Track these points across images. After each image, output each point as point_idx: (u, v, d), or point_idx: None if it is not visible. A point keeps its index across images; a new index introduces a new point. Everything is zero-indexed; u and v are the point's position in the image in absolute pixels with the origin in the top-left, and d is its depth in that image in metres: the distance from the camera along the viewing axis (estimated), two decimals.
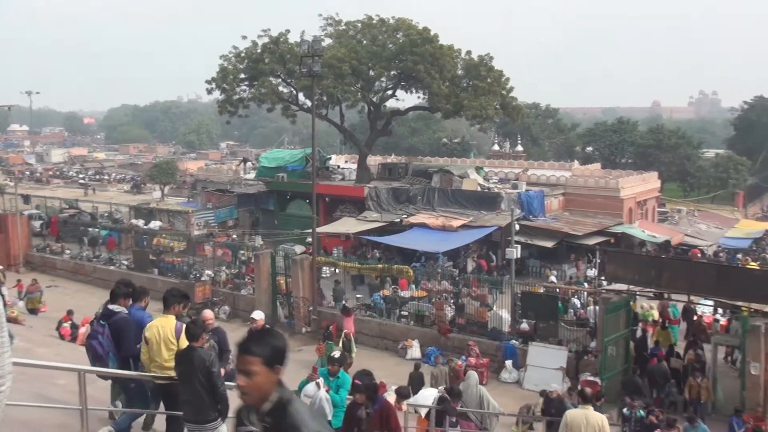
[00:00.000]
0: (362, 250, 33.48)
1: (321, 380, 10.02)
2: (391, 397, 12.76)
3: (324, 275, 28.93)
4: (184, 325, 7.52)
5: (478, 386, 13.66)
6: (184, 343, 7.36)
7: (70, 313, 21.09)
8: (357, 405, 7.38)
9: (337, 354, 10.84)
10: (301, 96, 39.08)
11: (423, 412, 12.82)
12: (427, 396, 13.08)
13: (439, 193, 34.41)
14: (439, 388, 13.97)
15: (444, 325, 22.29)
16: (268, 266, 25.35)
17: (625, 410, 15.38)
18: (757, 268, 28.61)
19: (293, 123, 45.19)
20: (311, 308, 24.30)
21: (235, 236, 36.33)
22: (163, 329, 7.69)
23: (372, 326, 23.62)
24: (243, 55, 38.18)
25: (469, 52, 37.44)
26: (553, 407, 14.78)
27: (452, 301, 23.80)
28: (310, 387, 9.95)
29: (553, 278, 29.31)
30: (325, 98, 37.72)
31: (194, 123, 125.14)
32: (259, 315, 11.61)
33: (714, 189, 61.19)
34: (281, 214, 39.84)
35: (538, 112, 76.42)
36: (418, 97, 38.98)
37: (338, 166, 43.60)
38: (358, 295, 26.39)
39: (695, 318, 21.34)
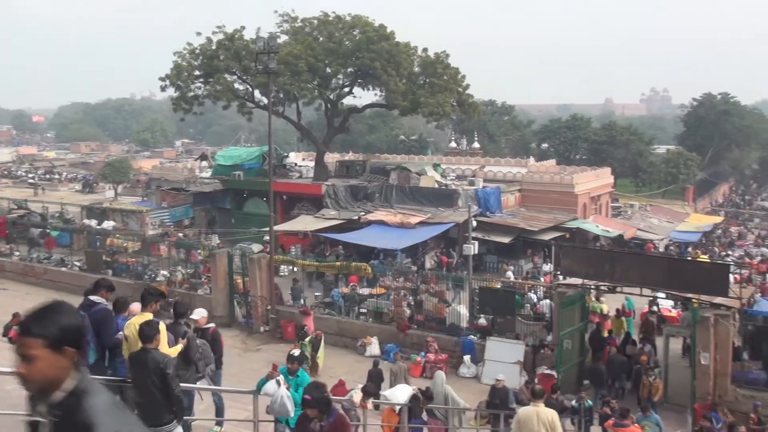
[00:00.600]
0: (320, 248, 33.34)
1: (281, 378, 9.92)
2: (357, 395, 12.84)
3: (282, 273, 28.79)
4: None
5: (444, 385, 13.91)
6: (164, 338, 7.82)
7: (16, 315, 20.47)
8: (309, 418, 7.27)
9: (296, 352, 10.73)
10: (257, 93, 38.71)
11: (396, 408, 13.00)
12: (402, 394, 13.30)
13: (397, 191, 34.46)
14: (414, 387, 14.13)
15: (403, 321, 22.29)
16: (225, 265, 25.05)
17: (573, 402, 15.60)
18: (707, 260, 29.37)
19: (249, 120, 44.77)
20: (269, 307, 24.08)
21: (181, 234, 35.72)
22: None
23: (331, 324, 23.47)
24: (197, 51, 37.59)
25: (425, 50, 37.58)
26: (497, 397, 15.10)
27: (411, 297, 23.87)
28: (270, 385, 9.84)
29: (510, 273, 29.64)
30: (281, 95, 37.43)
31: (148, 121, 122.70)
32: (199, 314, 11.05)
33: (665, 184, 62.55)
34: (238, 213, 39.43)
35: (494, 109, 77.20)
36: (375, 95, 39.05)
37: (295, 164, 43.27)
38: (316, 293, 26.27)
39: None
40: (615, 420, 13.55)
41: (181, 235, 35.49)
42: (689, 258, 31.39)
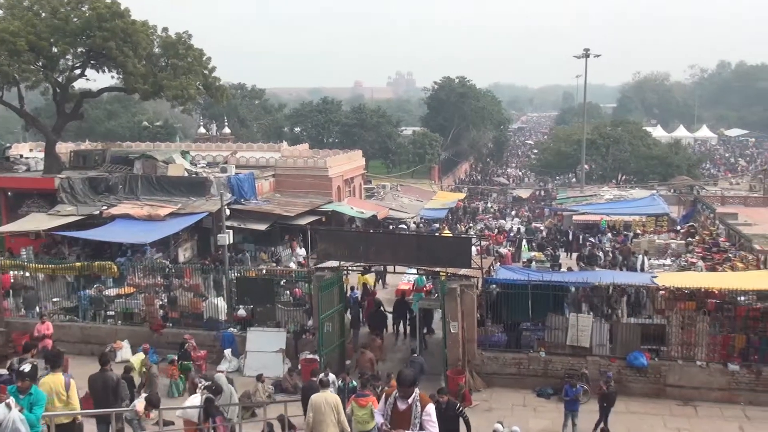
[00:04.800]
0: (57, 249, 30.11)
1: (11, 400, 8.63)
2: (140, 404, 12.52)
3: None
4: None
5: (228, 385, 14.81)
6: (74, 393, 9.91)
7: None
8: None
9: (26, 367, 9.40)
10: None
11: (189, 413, 13.79)
12: (193, 399, 14.17)
13: (143, 181, 32.25)
14: (204, 384, 14.46)
15: (156, 320, 21.29)
16: None
17: (339, 382, 15.68)
18: (451, 235, 31.43)
19: None
20: None
21: None
22: (55, 385, 9.75)
23: (73, 331, 21.73)
24: None
25: (165, 29, 35.23)
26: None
27: (164, 294, 22.71)
28: None
29: (293, 264, 29.24)
30: None
31: None
32: None
33: (413, 164, 66.24)
34: None
35: (245, 93, 75.83)
36: (112, 77, 35.71)
37: (21, 156, 38.66)
38: (54, 299, 23.69)
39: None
40: (358, 391, 13.83)
41: None
42: (437, 234, 33.44)
